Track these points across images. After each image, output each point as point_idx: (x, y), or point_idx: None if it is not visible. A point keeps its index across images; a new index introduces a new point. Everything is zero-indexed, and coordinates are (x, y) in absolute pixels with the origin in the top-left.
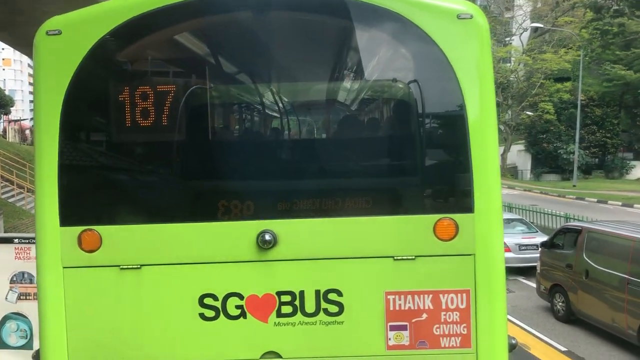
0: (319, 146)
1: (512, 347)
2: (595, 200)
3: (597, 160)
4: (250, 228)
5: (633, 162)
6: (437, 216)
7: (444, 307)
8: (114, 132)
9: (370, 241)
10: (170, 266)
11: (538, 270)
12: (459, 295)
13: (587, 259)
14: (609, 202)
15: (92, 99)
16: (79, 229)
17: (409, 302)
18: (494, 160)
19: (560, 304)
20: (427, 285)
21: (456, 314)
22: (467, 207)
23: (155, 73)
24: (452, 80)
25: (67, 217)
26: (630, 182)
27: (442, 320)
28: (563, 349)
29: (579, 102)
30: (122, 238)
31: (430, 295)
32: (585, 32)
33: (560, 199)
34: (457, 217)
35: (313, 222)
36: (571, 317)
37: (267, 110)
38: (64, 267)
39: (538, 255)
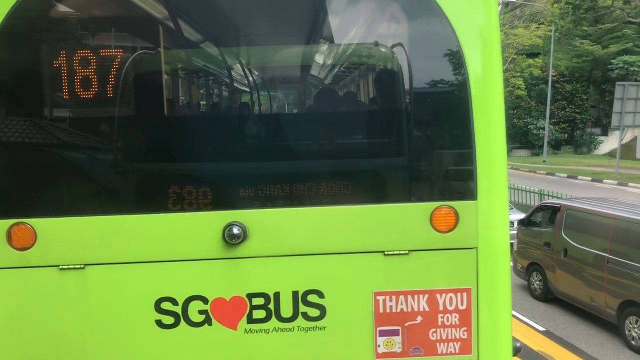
0: (294, 122)
1: (517, 351)
2: (566, 175)
3: (566, 135)
4: (215, 220)
5: (601, 138)
6: (434, 204)
7: (441, 308)
8: (47, 105)
9: (356, 234)
10: (119, 265)
11: (515, 249)
12: (459, 294)
13: (565, 237)
14: (579, 177)
15: (21, 65)
16: (7, 222)
17: (401, 304)
18: (500, 138)
19: (537, 282)
20: (422, 284)
21: (455, 316)
22: (469, 193)
23: (98, 34)
24: (451, 41)
25: None
26: (598, 157)
27: (439, 323)
28: (541, 328)
29: (549, 77)
30: (60, 233)
31: (426, 296)
32: (557, 7)
33: (531, 175)
34: (457, 204)
35: (289, 212)
36: (549, 296)
37: (230, 79)
38: None
39: (514, 232)
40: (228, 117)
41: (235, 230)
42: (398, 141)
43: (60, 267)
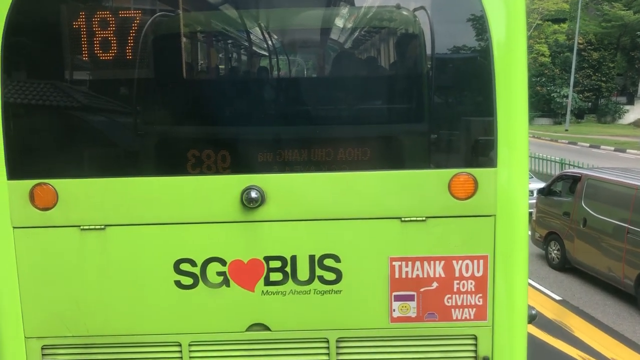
0: (314, 86)
1: (532, 319)
2: (588, 145)
3: (590, 104)
4: (233, 184)
5: (626, 107)
6: (453, 171)
7: (457, 275)
8: (67, 67)
9: (373, 200)
10: (139, 227)
11: (533, 218)
12: (475, 261)
13: (585, 207)
14: (602, 147)
15: (41, 27)
16: (30, 182)
17: (417, 270)
18: (523, 106)
19: (555, 252)
20: (439, 250)
21: (471, 283)
22: (489, 160)
23: None
24: (475, 5)
25: (16, 169)
26: (622, 127)
27: (455, 289)
28: (557, 297)
29: (575, 42)
30: (81, 194)
31: (442, 262)
32: None
33: (552, 143)
34: (476, 172)
35: (307, 177)
36: (566, 266)
37: (249, 43)
38: (14, 227)
39: (534, 202)
40: (247, 80)
41: (254, 194)
42: (418, 107)
43: (82, 227)
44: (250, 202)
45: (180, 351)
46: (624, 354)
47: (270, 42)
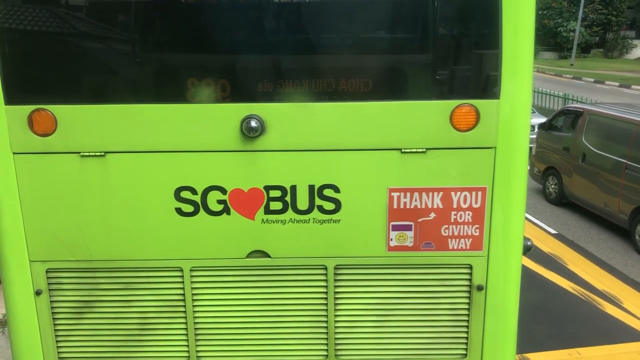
0: (315, 13)
1: (527, 250)
2: (593, 80)
3: (597, 38)
4: (233, 112)
5: (635, 41)
6: (455, 102)
7: (455, 206)
8: None
9: (374, 131)
10: (139, 154)
11: (533, 152)
12: (474, 193)
13: (585, 143)
14: (606, 82)
15: None
16: (28, 108)
17: (415, 200)
18: (528, 39)
19: (552, 186)
20: (438, 181)
21: (469, 214)
22: (492, 91)
23: None
24: None
25: (14, 94)
26: (629, 62)
27: (452, 220)
28: (553, 231)
29: None
30: (80, 120)
31: (441, 193)
32: None
33: (556, 78)
34: (478, 103)
35: (308, 107)
36: (563, 200)
37: None
38: (14, 153)
39: (534, 137)
40: (247, 7)
41: (253, 124)
42: (422, 37)
43: (82, 153)
44: (250, 132)
45: (182, 276)
46: (614, 286)
47: None
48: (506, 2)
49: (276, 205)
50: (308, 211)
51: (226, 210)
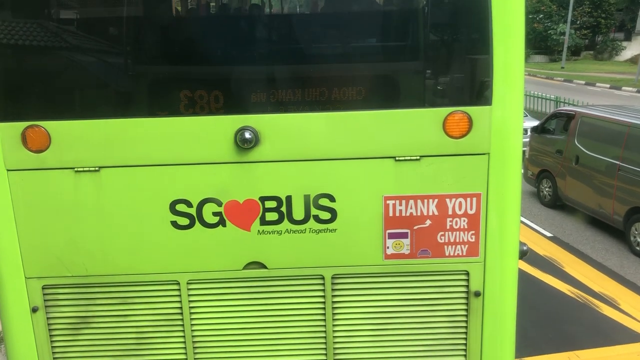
0: (307, 23)
1: (523, 254)
2: (584, 82)
3: (587, 41)
4: (227, 124)
5: (624, 43)
6: (447, 109)
7: (450, 212)
8: (54, 6)
9: (368, 139)
10: (133, 168)
11: (526, 156)
12: (469, 199)
13: (578, 145)
14: (597, 84)
15: None
16: (21, 125)
17: (410, 208)
18: (519, 43)
19: (547, 189)
20: (433, 189)
21: (464, 221)
22: (484, 98)
23: None
24: None
25: (7, 111)
26: (619, 64)
27: (448, 227)
28: (548, 234)
29: None
30: (74, 136)
31: (436, 200)
32: None
33: (547, 81)
34: (471, 110)
35: (301, 117)
36: (557, 203)
37: None
38: (8, 170)
39: (527, 140)
40: (239, 18)
41: (247, 135)
42: (413, 44)
43: (76, 169)
44: (245, 143)
45: (179, 289)
46: (610, 287)
47: None
48: (496, 8)
49: (272, 216)
50: (304, 221)
51: (222, 222)
